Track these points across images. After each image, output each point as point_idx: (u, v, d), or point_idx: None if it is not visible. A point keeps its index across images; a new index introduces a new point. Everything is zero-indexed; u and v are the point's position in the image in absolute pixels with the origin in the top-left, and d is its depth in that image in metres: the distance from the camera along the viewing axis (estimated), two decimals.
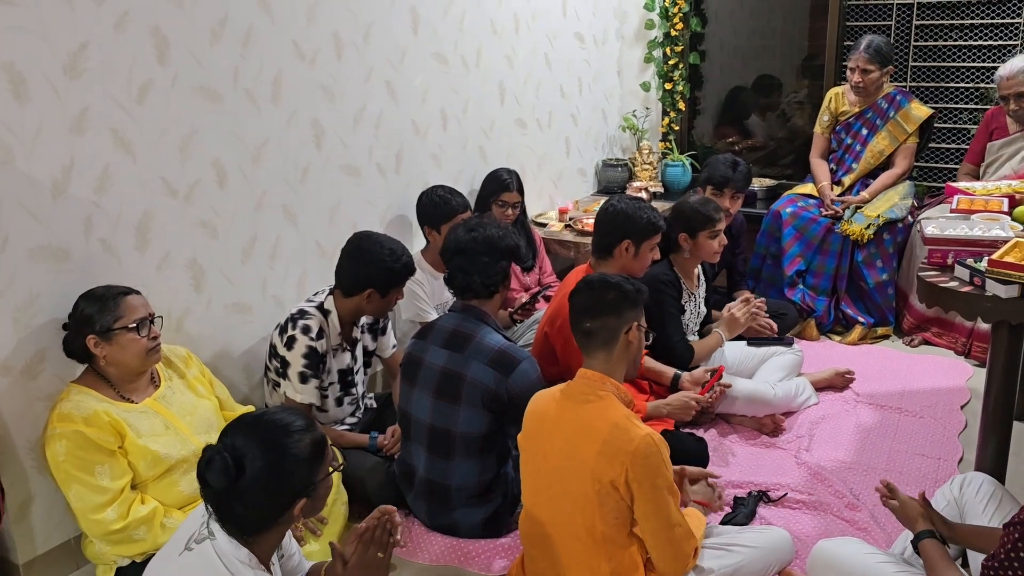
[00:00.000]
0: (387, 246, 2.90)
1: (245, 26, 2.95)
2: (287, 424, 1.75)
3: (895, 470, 3.09)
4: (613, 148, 5.52)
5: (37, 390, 2.51)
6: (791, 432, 3.37)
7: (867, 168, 4.37)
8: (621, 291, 2.20)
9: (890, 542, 2.61)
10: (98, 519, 2.27)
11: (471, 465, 2.66)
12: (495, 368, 2.58)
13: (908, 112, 4.25)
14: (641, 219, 3.07)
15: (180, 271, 2.88)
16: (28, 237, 2.43)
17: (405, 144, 3.76)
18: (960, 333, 4.05)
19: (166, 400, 2.49)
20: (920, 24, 4.70)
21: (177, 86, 2.76)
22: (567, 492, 2.14)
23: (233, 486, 1.67)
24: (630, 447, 2.03)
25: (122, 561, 2.39)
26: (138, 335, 2.36)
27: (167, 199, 2.79)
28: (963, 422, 3.43)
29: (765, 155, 5.48)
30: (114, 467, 2.30)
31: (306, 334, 2.84)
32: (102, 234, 2.62)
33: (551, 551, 2.22)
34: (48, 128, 2.44)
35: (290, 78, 3.15)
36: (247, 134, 3.02)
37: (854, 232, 4.13)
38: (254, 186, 3.08)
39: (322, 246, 3.40)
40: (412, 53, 3.72)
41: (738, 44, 5.48)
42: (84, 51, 2.49)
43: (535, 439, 2.25)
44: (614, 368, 2.20)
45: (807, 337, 4.20)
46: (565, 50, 4.86)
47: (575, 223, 4.48)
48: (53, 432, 2.29)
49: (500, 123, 4.38)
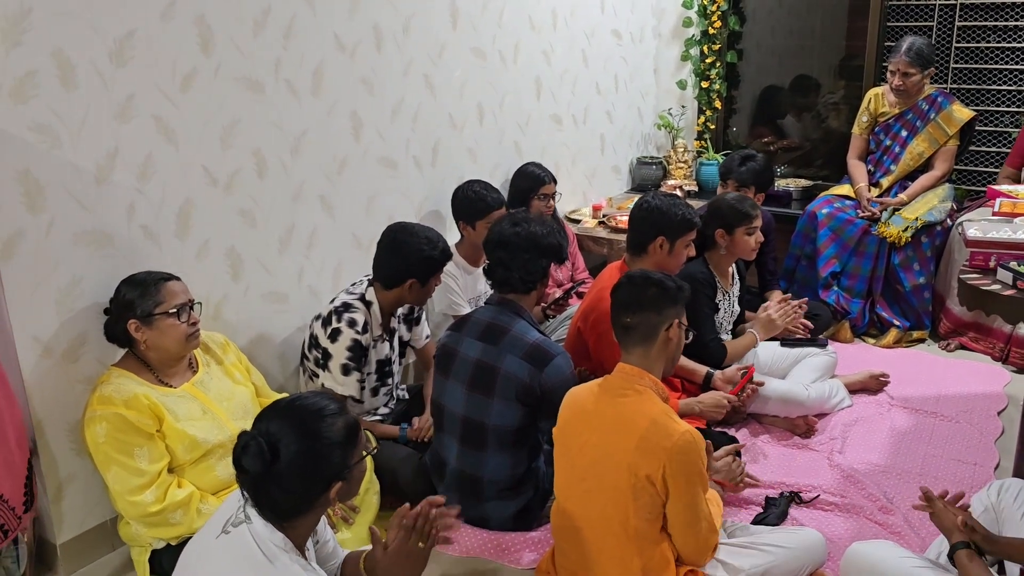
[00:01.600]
0: (423, 235, 2.91)
1: (287, 17, 2.98)
2: (320, 408, 1.76)
3: (930, 475, 3.05)
4: (648, 146, 5.51)
5: (77, 373, 2.55)
6: (824, 434, 3.34)
7: (905, 170, 4.32)
8: (662, 288, 2.20)
9: (924, 547, 2.58)
10: (136, 501, 2.30)
11: (503, 458, 2.66)
12: (529, 362, 2.58)
13: (949, 114, 4.20)
14: (676, 216, 3.06)
15: (219, 259, 2.91)
16: (72, 222, 2.47)
17: (442, 137, 3.77)
18: (998, 338, 3.99)
19: (204, 385, 2.52)
20: (962, 25, 4.64)
21: (220, 76, 2.79)
22: (602, 486, 2.14)
23: (268, 471, 1.69)
24: (668, 442, 2.03)
25: (157, 543, 2.43)
26: (178, 320, 2.39)
27: (208, 187, 2.82)
28: (1000, 428, 3.38)
29: (801, 155, 5.43)
30: (152, 450, 2.33)
31: (352, 327, 2.85)
32: (144, 220, 2.66)
33: (583, 545, 2.22)
34: (94, 115, 2.47)
35: (330, 70, 3.17)
36: (287, 125, 3.04)
37: (891, 234, 4.09)
38: (293, 176, 3.10)
39: (358, 238, 3.42)
40: (451, 47, 3.74)
41: (775, 43, 5.44)
42: (131, 39, 2.52)
43: (570, 432, 2.25)
44: (652, 364, 2.20)
45: (841, 339, 4.17)
46: (602, 47, 4.85)
47: (609, 220, 4.48)
48: (93, 414, 2.32)
49: (536, 119, 4.38)
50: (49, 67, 2.35)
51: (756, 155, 3.92)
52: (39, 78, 2.33)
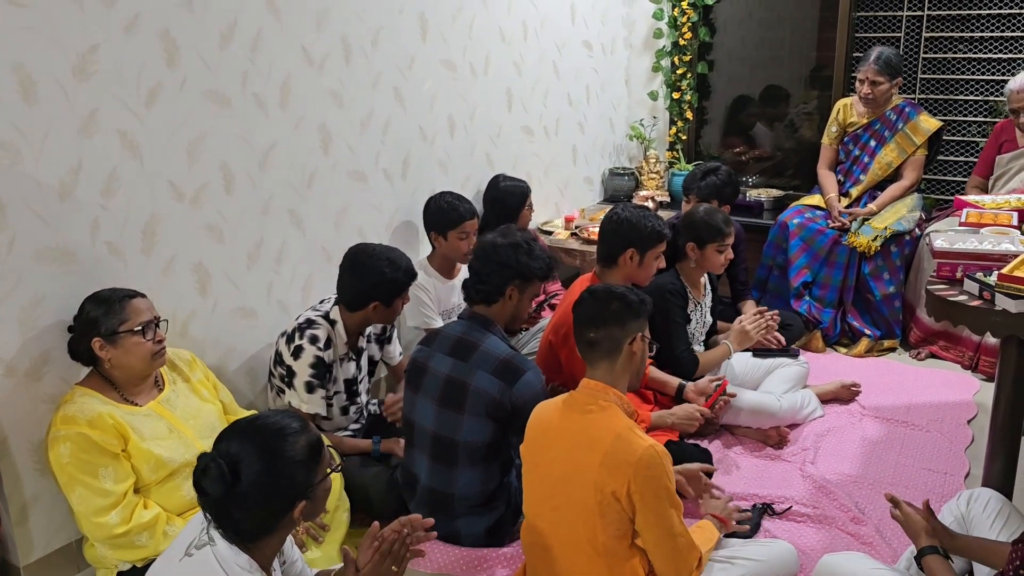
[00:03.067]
0: (384, 256, 2.88)
1: (254, 31, 2.95)
2: (282, 427, 1.74)
3: (901, 484, 3.07)
4: (620, 157, 5.52)
5: (41, 392, 2.50)
6: (796, 444, 3.35)
7: (875, 180, 4.36)
8: (625, 302, 2.19)
9: (895, 557, 2.59)
10: (101, 522, 2.25)
11: (474, 474, 2.64)
12: (499, 377, 2.57)
13: (917, 124, 4.24)
14: (645, 227, 3.06)
15: (186, 275, 2.87)
16: (35, 238, 2.43)
17: (412, 150, 3.76)
18: (967, 347, 4.03)
19: (170, 404, 2.48)
20: (929, 36, 4.70)
21: (186, 90, 2.76)
22: (569, 502, 2.12)
23: (230, 493, 1.66)
24: (632, 458, 2.02)
25: (123, 566, 2.38)
26: (143, 338, 2.36)
27: (174, 202, 2.79)
28: (970, 436, 3.41)
29: (772, 165, 5.47)
30: (118, 470, 2.29)
31: (314, 344, 2.83)
32: (108, 236, 2.62)
33: (553, 562, 2.21)
34: (56, 130, 2.44)
35: (298, 83, 3.15)
36: (255, 138, 3.02)
37: (861, 244, 4.12)
38: (261, 191, 3.07)
39: (328, 252, 3.39)
40: (420, 59, 3.72)
41: (746, 54, 5.47)
42: (94, 53, 2.49)
43: (537, 449, 2.24)
44: (617, 379, 2.19)
45: (813, 349, 4.19)
46: (573, 58, 4.86)
47: (581, 231, 4.48)
48: (57, 434, 2.28)
49: (507, 130, 4.38)
50: (10, 82, 2.31)
51: (719, 168, 3.94)
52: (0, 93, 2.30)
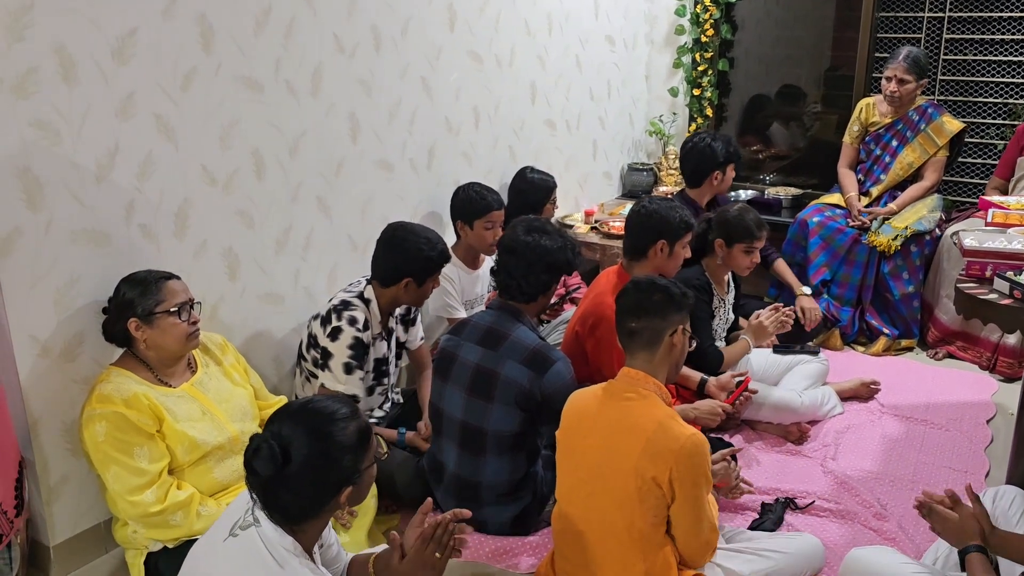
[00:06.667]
0: (423, 235, 2.91)
1: (288, 17, 2.96)
2: (333, 412, 1.75)
3: (922, 482, 3.07)
4: (639, 152, 5.53)
5: (74, 372, 2.52)
6: (816, 440, 3.37)
7: (895, 180, 4.36)
8: (668, 294, 2.21)
9: (919, 553, 2.60)
10: (136, 501, 2.26)
11: (502, 463, 2.66)
12: (529, 367, 2.58)
13: (940, 125, 4.24)
14: (675, 219, 3.07)
15: (216, 259, 2.88)
16: (71, 220, 2.45)
17: (438, 141, 3.77)
18: (985, 348, 4.03)
19: (203, 386, 2.49)
20: (950, 38, 4.70)
21: (221, 75, 2.77)
22: (606, 489, 2.14)
23: (279, 474, 1.67)
24: (675, 445, 2.04)
25: (154, 546, 2.39)
26: (179, 319, 2.37)
27: (206, 187, 2.80)
28: (989, 436, 3.42)
29: (790, 164, 5.47)
30: (152, 450, 2.30)
31: (352, 325, 2.84)
32: (142, 220, 2.63)
33: (585, 549, 2.22)
34: (95, 112, 2.45)
35: (329, 71, 3.16)
36: (286, 125, 3.03)
37: (881, 243, 4.13)
38: (290, 177, 3.08)
39: (354, 240, 3.40)
40: (448, 50, 3.73)
41: (763, 52, 5.47)
42: (132, 36, 2.50)
43: (573, 435, 2.25)
44: (656, 369, 2.20)
45: (831, 347, 4.19)
46: (595, 52, 4.86)
47: (601, 226, 4.48)
48: (92, 413, 2.29)
49: (530, 123, 4.39)
50: (51, 63, 2.32)
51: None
52: (40, 74, 2.30)
